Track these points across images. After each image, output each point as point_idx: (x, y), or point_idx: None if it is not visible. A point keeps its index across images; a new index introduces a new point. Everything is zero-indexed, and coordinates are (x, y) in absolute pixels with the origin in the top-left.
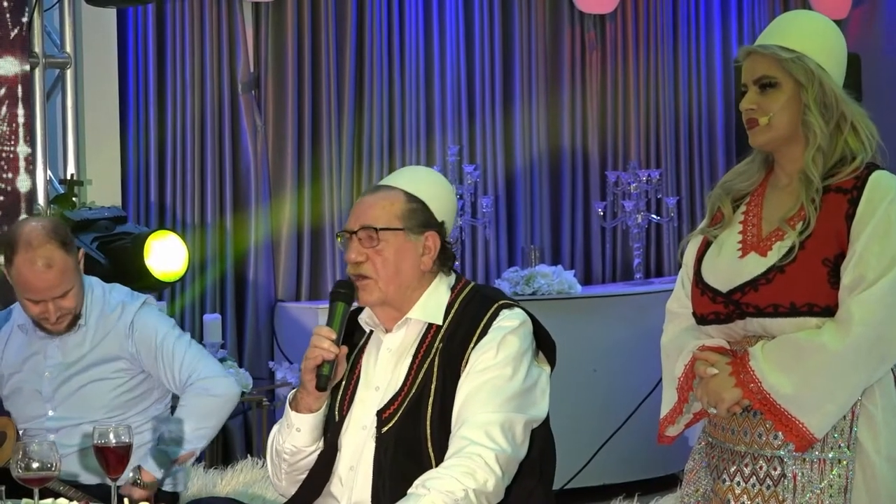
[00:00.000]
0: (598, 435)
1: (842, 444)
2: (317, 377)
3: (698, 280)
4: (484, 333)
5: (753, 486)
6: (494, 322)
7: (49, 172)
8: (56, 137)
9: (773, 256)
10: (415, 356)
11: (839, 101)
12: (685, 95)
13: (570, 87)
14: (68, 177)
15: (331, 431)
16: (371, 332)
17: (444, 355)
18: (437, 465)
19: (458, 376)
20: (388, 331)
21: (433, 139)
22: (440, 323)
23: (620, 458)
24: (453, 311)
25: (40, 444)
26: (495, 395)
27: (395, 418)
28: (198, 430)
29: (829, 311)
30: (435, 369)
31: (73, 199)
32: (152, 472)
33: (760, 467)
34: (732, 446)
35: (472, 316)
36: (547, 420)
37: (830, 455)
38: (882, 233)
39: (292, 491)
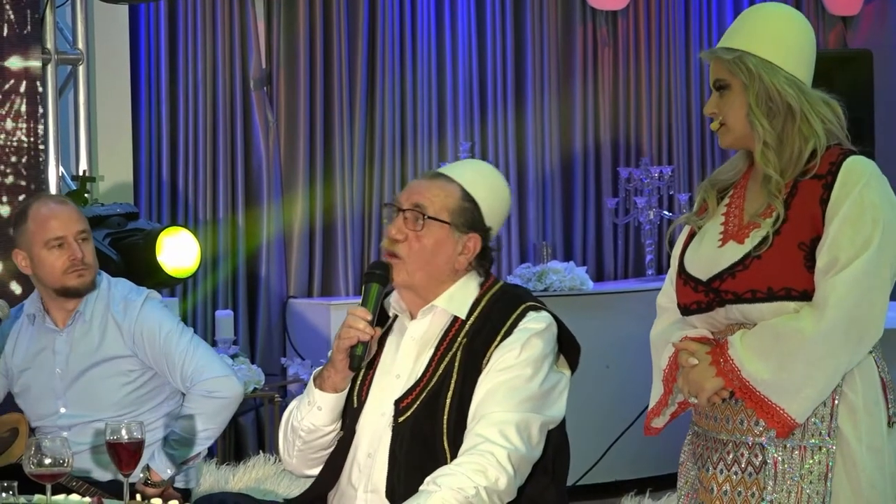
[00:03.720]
0: (610, 431)
1: (822, 432)
2: (350, 357)
3: (681, 271)
4: (509, 333)
5: (735, 473)
6: (520, 323)
7: (61, 169)
8: (68, 134)
9: (750, 244)
10: (437, 348)
11: (783, 95)
12: (697, 91)
13: (582, 83)
14: (80, 173)
15: (349, 416)
16: (396, 317)
17: (466, 351)
18: (451, 461)
19: (480, 373)
20: (413, 317)
21: (445, 135)
22: (464, 317)
23: (632, 454)
24: (480, 307)
25: (53, 439)
26: (513, 395)
27: (413, 409)
28: (203, 431)
29: (807, 295)
30: (456, 364)
31: (85, 195)
32: (160, 471)
33: (742, 454)
34: (716, 434)
35: (498, 315)
36: (562, 421)
37: (811, 442)
38: (855, 216)
39: (303, 469)
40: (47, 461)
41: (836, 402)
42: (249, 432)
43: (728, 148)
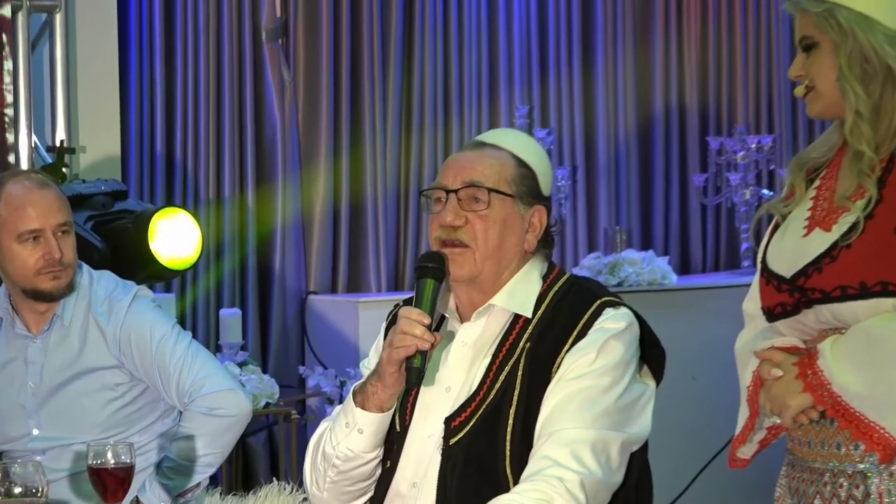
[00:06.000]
0: (698, 455)
1: None
2: (407, 371)
3: (764, 267)
4: (583, 335)
5: None
6: (596, 322)
7: (34, 138)
8: (43, 96)
9: (838, 231)
10: (496, 354)
11: (881, 55)
12: None
13: (664, 36)
14: (57, 143)
15: (394, 442)
16: (443, 318)
17: (531, 356)
18: (514, 486)
19: (548, 383)
20: (464, 319)
21: (497, 98)
22: (529, 315)
23: (725, 483)
24: (545, 304)
25: (24, 464)
26: (588, 409)
27: (468, 428)
28: (203, 456)
29: None
30: (519, 372)
31: (64, 169)
32: None
33: (841, 486)
34: (811, 463)
35: (568, 312)
36: (645, 443)
37: None
38: None
39: None
40: (17, 490)
41: None
42: (261, 456)
43: (817, 117)
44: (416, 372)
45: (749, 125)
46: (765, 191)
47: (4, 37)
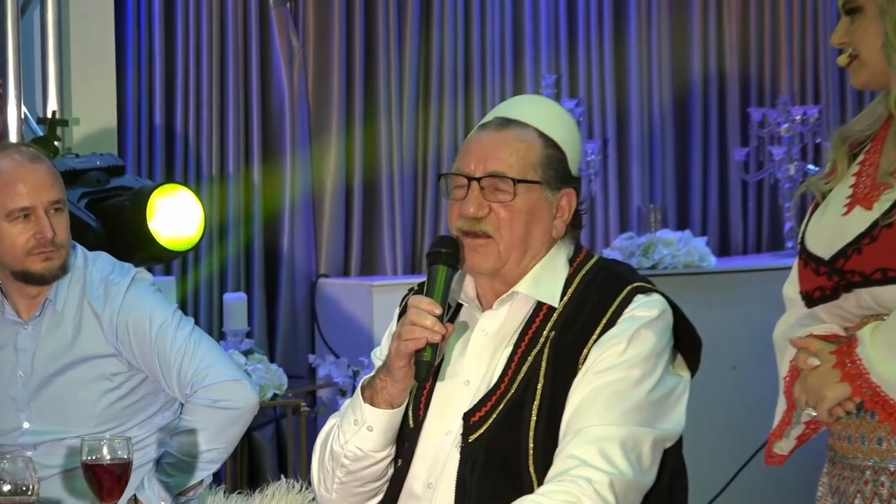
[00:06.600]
0: (738, 452)
1: None
2: (416, 365)
3: (802, 249)
4: (612, 324)
5: None
6: (626, 310)
7: (24, 109)
8: (33, 64)
9: (878, 209)
10: (517, 344)
11: None
12: None
13: None
14: (49, 115)
15: (406, 439)
16: (459, 306)
17: (556, 346)
18: (538, 488)
19: (574, 375)
20: (486, 308)
21: (522, 67)
22: (556, 304)
23: (766, 481)
24: (571, 290)
25: (13, 460)
26: (617, 404)
27: (488, 424)
28: (206, 452)
29: None
30: (543, 364)
31: (56, 143)
32: (150, 502)
33: (882, 483)
34: (851, 459)
35: (596, 299)
36: (679, 439)
37: None
38: None
39: None
40: (6, 488)
41: None
42: (268, 451)
43: (862, 88)
44: (425, 366)
45: (794, 95)
46: (810, 166)
47: None
